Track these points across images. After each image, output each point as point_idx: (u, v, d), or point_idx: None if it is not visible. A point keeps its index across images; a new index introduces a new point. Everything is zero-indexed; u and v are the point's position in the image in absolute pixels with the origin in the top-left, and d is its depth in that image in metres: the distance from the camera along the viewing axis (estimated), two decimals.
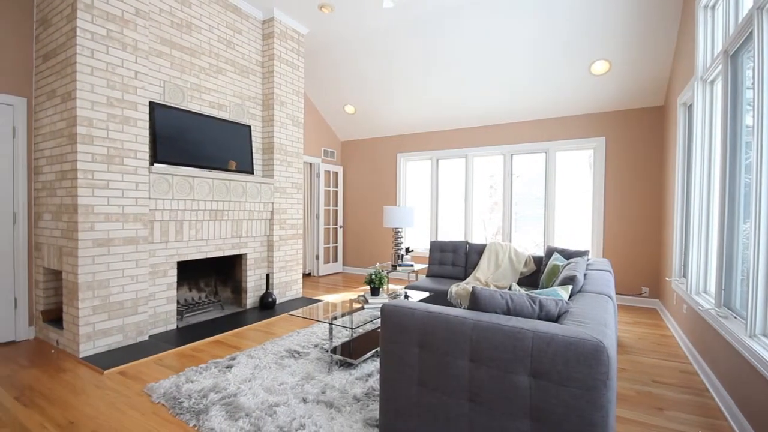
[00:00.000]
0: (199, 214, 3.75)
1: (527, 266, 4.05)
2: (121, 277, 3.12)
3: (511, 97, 5.14)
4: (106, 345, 3.04)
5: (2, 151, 3.18)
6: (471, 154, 5.95)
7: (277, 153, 4.59)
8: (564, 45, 4.26)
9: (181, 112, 3.67)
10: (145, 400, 2.31)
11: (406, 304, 1.77)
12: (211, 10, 3.99)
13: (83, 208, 2.89)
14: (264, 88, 4.60)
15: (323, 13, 4.44)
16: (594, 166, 5.10)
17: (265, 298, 4.34)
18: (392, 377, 1.75)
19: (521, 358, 1.40)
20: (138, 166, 3.21)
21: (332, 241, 7.02)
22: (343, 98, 6.19)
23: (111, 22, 3.02)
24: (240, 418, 2.08)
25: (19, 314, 3.28)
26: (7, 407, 2.21)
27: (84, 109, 2.88)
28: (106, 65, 3.00)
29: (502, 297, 1.62)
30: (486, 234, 6.07)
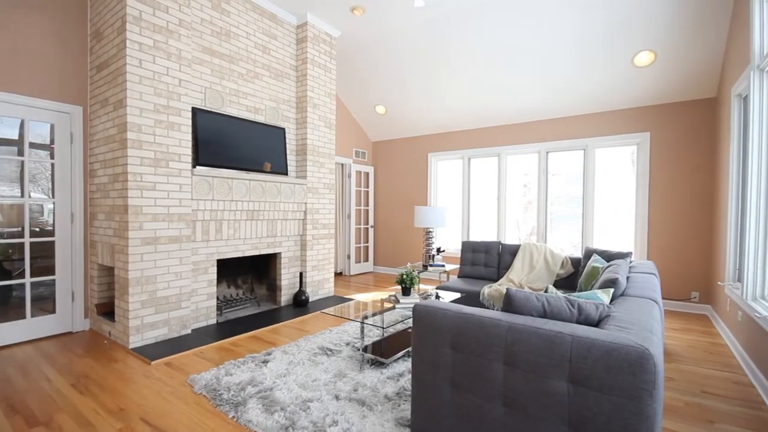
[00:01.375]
0: (237, 214, 3.90)
1: (564, 268, 3.91)
2: (167, 274, 3.31)
3: (547, 92, 4.98)
4: (153, 337, 3.24)
5: (61, 156, 3.46)
6: (504, 152, 5.82)
7: (310, 154, 4.69)
8: (604, 36, 4.07)
9: (221, 117, 3.83)
10: (188, 391, 2.44)
11: (438, 305, 1.76)
12: (248, 17, 4.14)
13: (133, 209, 3.08)
14: (297, 91, 4.72)
15: (355, 15, 4.49)
16: (637, 162, 4.84)
17: (299, 296, 4.45)
18: (424, 378, 1.75)
19: (559, 363, 1.36)
20: (182, 168, 3.39)
21: (363, 241, 7.09)
22: (374, 99, 6.23)
23: (157, 33, 3.21)
24: (276, 411, 2.15)
25: (76, 307, 3.55)
26: (65, 393, 2.40)
27: (133, 115, 3.07)
28: (152, 74, 3.19)
29: (537, 299, 1.57)
30: (519, 234, 5.91)
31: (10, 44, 3.13)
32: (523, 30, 4.28)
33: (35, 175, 3.45)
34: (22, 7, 3.18)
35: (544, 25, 4.15)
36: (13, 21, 3.14)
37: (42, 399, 2.32)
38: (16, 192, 3.45)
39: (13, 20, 3.14)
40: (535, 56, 4.53)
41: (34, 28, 3.25)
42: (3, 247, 3.24)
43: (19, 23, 3.17)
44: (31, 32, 3.23)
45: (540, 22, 4.13)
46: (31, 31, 3.24)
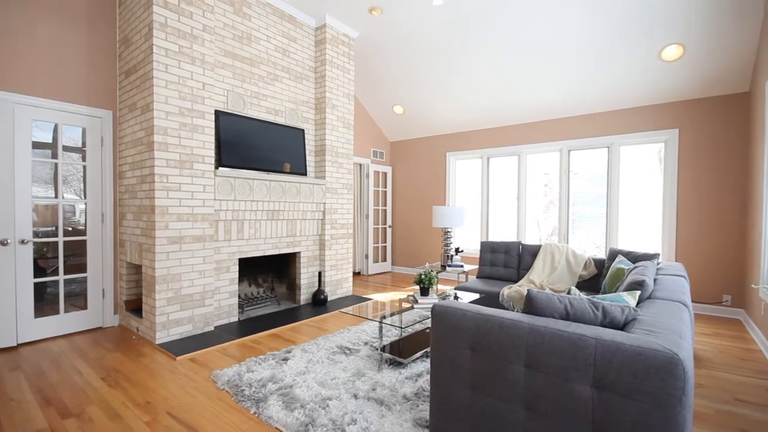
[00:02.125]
0: (258, 214, 3.98)
1: (587, 269, 3.82)
2: (191, 272, 3.41)
3: (569, 89, 4.87)
4: (178, 333, 3.34)
5: (92, 158, 3.60)
6: (524, 151, 5.72)
7: (329, 155, 4.74)
8: (629, 30, 3.95)
9: (242, 119, 3.91)
10: (212, 386, 2.50)
11: (457, 305, 1.75)
12: (268, 21, 4.21)
13: (159, 209, 3.19)
14: (316, 93, 4.77)
15: (373, 15, 4.51)
16: (665, 160, 4.67)
17: (318, 295, 4.50)
18: (443, 378, 1.74)
19: (582, 367, 1.33)
20: (205, 170, 3.48)
21: (381, 241, 7.10)
22: (392, 99, 6.24)
23: (182, 38, 3.30)
24: (295, 408, 2.18)
25: (106, 303, 3.70)
26: (96, 387, 2.50)
27: (160, 119, 3.18)
28: (178, 78, 3.28)
29: (560, 301, 1.54)
30: (540, 234, 5.80)
31: (45, 52, 3.28)
32: (544, 25, 4.20)
33: (68, 177, 3.61)
34: (56, 17, 3.33)
35: (565, 19, 4.06)
36: (47, 31, 3.29)
37: (74, 391, 2.43)
38: (50, 193, 3.62)
39: (47, 30, 3.29)
40: (557, 52, 4.44)
41: (67, 36, 3.40)
42: (38, 246, 3.40)
43: (54, 32, 3.33)
44: (64, 41, 3.38)
45: (561, 16, 4.04)
46: (65, 40, 3.39)
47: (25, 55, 3.18)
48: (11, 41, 3.11)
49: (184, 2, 3.31)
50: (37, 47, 3.24)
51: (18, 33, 3.14)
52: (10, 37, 3.10)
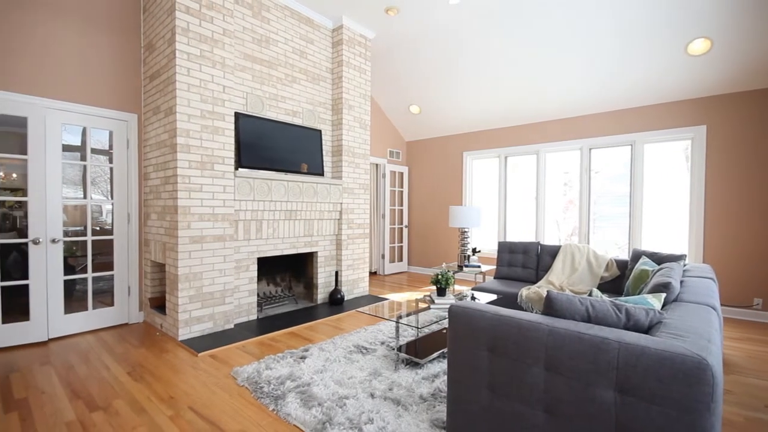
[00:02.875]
0: (276, 214, 4.04)
1: (609, 270, 3.72)
2: (212, 271, 3.49)
3: (591, 85, 4.75)
4: (199, 330, 3.42)
5: (119, 160, 3.73)
6: (543, 149, 5.62)
7: (345, 155, 4.77)
8: (653, 24, 3.83)
9: (261, 120, 3.98)
10: (232, 383, 2.56)
11: (474, 306, 1.73)
12: (286, 24, 4.27)
13: (182, 209, 3.27)
14: (333, 94, 4.81)
15: (389, 15, 4.51)
16: (692, 158, 4.51)
17: (334, 294, 4.53)
18: (460, 379, 1.73)
19: (605, 371, 1.30)
20: (225, 171, 3.55)
21: (397, 241, 7.10)
22: (408, 99, 6.23)
23: (203, 42, 3.39)
24: (313, 406, 2.20)
25: (131, 300, 3.82)
26: (122, 381, 2.59)
27: (182, 121, 3.26)
28: (199, 81, 3.37)
29: (581, 303, 1.51)
30: (560, 235, 5.69)
31: (74, 59, 3.42)
32: (564, 20, 4.11)
33: (96, 179, 3.75)
34: (84, 24, 3.46)
35: (585, 12, 3.97)
36: (76, 38, 3.43)
37: (101, 385, 2.52)
38: (79, 194, 3.77)
39: (76, 37, 3.43)
40: (577, 47, 4.34)
41: (94, 43, 3.53)
42: (68, 245, 3.54)
43: (82, 39, 3.46)
44: (92, 47, 3.52)
45: (581, 9, 3.95)
46: (93, 46, 3.52)
47: (55, 61, 3.32)
48: (42, 48, 3.25)
49: (206, 7, 3.39)
50: (67, 54, 3.38)
51: (48, 40, 3.28)
52: (41, 44, 3.24)
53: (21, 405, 2.25)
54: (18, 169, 3.68)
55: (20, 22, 3.14)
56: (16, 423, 2.06)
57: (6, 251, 3.26)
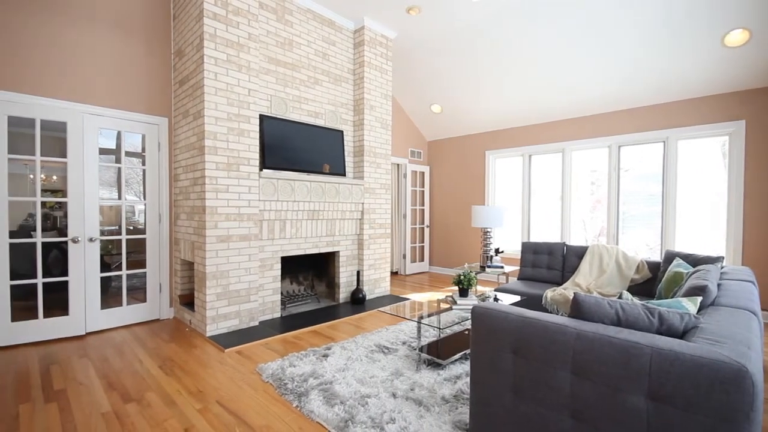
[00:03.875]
0: (299, 214, 4.10)
1: (640, 272, 3.58)
2: (238, 269, 3.58)
3: (619, 80, 4.59)
4: (226, 327, 3.52)
5: (151, 162, 3.89)
6: (569, 147, 5.47)
7: (367, 155, 4.79)
8: (687, 15, 3.66)
9: (284, 122, 4.06)
10: (257, 379, 2.62)
11: (498, 307, 1.71)
12: (309, 27, 4.34)
13: (210, 209, 3.38)
14: (355, 94, 4.85)
15: (410, 15, 4.51)
16: (729, 154, 4.28)
17: (356, 293, 4.56)
18: (483, 381, 1.71)
19: (636, 377, 1.25)
20: (250, 172, 3.64)
21: (419, 241, 7.08)
22: (430, 98, 6.20)
23: (230, 47, 3.48)
24: (335, 404, 2.23)
25: (162, 297, 3.97)
26: (153, 374, 2.70)
27: (210, 124, 3.37)
28: (226, 85, 3.46)
29: (610, 306, 1.47)
30: (586, 235, 5.52)
31: (109, 66, 3.59)
32: (590, 13, 3.99)
33: (129, 180, 3.92)
34: (117, 33, 3.63)
35: (614, 5, 3.83)
36: (111, 46, 3.59)
37: (134, 378, 2.63)
38: (114, 195, 3.95)
39: (111, 45, 3.59)
40: (606, 40, 4.20)
41: (128, 50, 3.69)
42: (104, 243, 3.72)
43: (116, 47, 3.62)
44: (126, 54, 3.68)
45: (609, 2, 3.82)
46: (126, 54, 3.68)
47: (92, 69, 3.49)
48: (80, 57, 3.43)
49: (232, 13, 3.48)
50: (103, 62, 3.55)
51: (86, 50, 3.45)
52: (79, 54, 3.42)
53: (60, 396, 2.37)
54: (58, 172, 3.90)
55: (60, 34, 3.32)
56: (56, 413, 2.18)
57: (47, 249, 3.45)
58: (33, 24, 3.19)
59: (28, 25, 3.16)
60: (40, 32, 3.22)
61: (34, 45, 3.20)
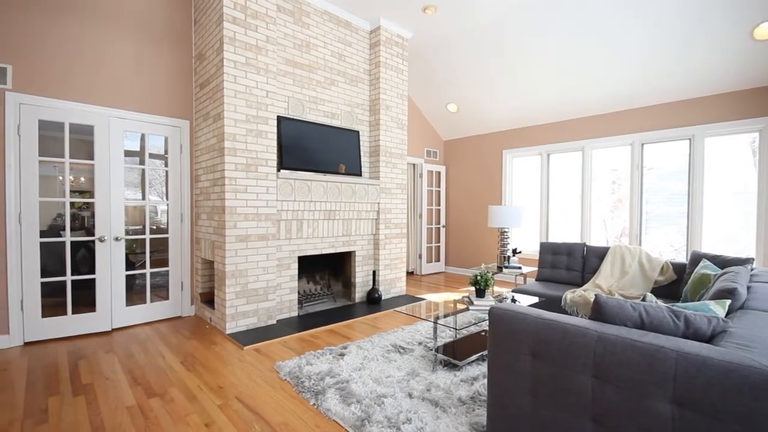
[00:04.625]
0: (315, 214, 4.14)
1: (664, 274, 3.48)
2: (256, 268, 3.64)
3: (643, 75, 4.46)
4: (244, 325, 3.59)
5: (174, 164, 3.99)
6: (589, 146, 5.35)
7: (383, 155, 4.80)
8: (714, 7, 3.53)
9: (301, 123, 4.10)
10: (275, 376, 2.66)
11: (516, 309, 1.69)
12: (325, 28, 4.37)
13: (229, 209, 3.45)
14: (371, 95, 4.86)
15: (426, 14, 4.49)
16: (760, 151, 4.11)
17: (372, 293, 4.58)
18: (501, 384, 1.69)
19: (660, 382, 1.22)
20: (268, 172, 3.70)
21: (435, 241, 7.04)
22: (446, 97, 6.16)
23: (248, 50, 3.54)
24: (352, 403, 2.24)
25: (184, 295, 4.07)
26: (176, 369, 2.77)
27: (230, 126, 3.44)
28: (245, 88, 3.53)
29: (634, 308, 1.43)
30: (607, 236, 5.39)
31: (134, 71, 3.70)
32: (610, 7, 3.89)
33: (152, 181, 4.04)
34: (141, 38, 3.74)
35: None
36: (135, 51, 3.71)
37: (158, 373, 2.71)
38: (138, 196, 4.08)
39: (135, 50, 3.71)
40: (627, 33, 4.09)
41: (151, 55, 3.80)
42: (129, 242, 3.84)
43: (140, 52, 3.73)
44: (149, 59, 3.79)
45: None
46: (150, 59, 3.79)
47: (117, 73, 3.61)
48: (106, 62, 3.55)
49: (250, 16, 3.54)
50: (128, 67, 3.66)
51: (112, 55, 3.57)
52: (105, 59, 3.54)
53: (87, 389, 2.47)
54: (85, 173, 4.05)
55: (88, 40, 3.44)
56: (83, 406, 2.27)
57: (75, 248, 3.59)
58: (61, 31, 3.32)
59: (57, 32, 3.30)
60: (69, 39, 3.35)
61: (63, 51, 3.33)
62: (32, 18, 3.18)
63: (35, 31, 3.20)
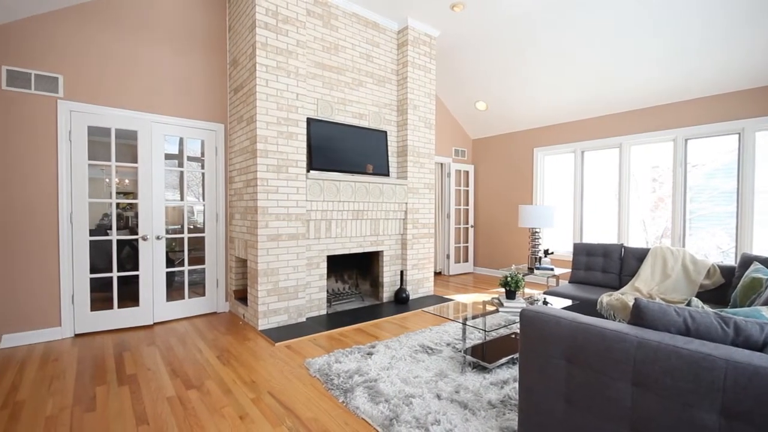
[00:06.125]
0: (344, 214, 4.20)
1: (710, 278, 3.27)
2: (286, 267, 3.73)
3: (685, 68, 4.21)
4: (276, 322, 3.68)
5: (209, 166, 4.16)
6: (627, 142, 5.11)
7: (410, 155, 4.79)
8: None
9: (330, 124, 4.17)
10: (305, 373, 2.72)
11: (549, 311, 1.64)
12: (353, 30, 4.42)
13: (261, 210, 3.55)
14: (398, 95, 4.86)
15: (455, 12, 4.44)
16: None
17: (399, 293, 4.58)
18: (533, 388, 1.65)
19: (707, 392, 1.15)
20: (298, 173, 3.78)
21: (463, 241, 6.96)
22: (475, 95, 6.06)
23: (279, 54, 3.64)
24: (380, 402, 2.25)
25: (219, 292, 4.24)
26: (212, 363, 2.88)
27: (261, 129, 3.54)
28: (276, 91, 3.62)
29: (678, 313, 1.35)
30: (647, 236, 5.13)
31: (173, 77, 3.88)
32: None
33: (189, 183, 4.22)
34: (179, 46, 3.92)
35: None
36: (173, 58, 3.89)
37: (195, 366, 2.83)
38: (176, 196, 4.28)
39: (173, 58, 3.89)
40: (670, 25, 3.87)
41: (189, 62, 3.97)
42: (168, 241, 4.03)
43: (179, 60, 3.91)
44: (187, 66, 3.96)
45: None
46: (188, 66, 3.97)
47: (158, 80, 3.80)
48: (148, 69, 3.74)
49: (281, 22, 3.64)
50: (168, 73, 3.85)
51: (153, 62, 3.76)
52: (147, 66, 3.74)
53: (131, 380, 2.61)
54: (129, 176, 4.29)
55: (131, 49, 3.65)
56: (128, 395, 2.40)
57: (120, 246, 3.81)
58: (106, 41, 3.53)
59: (102, 43, 3.51)
60: (113, 48, 3.56)
61: (108, 60, 3.54)
62: (80, 30, 3.41)
63: (82, 42, 3.42)
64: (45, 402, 2.31)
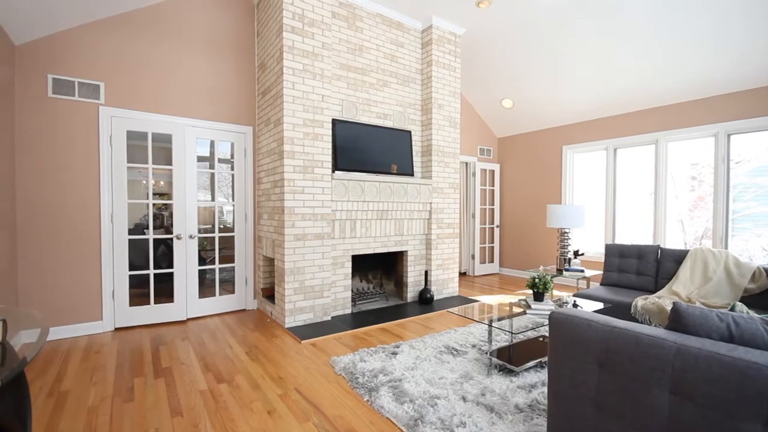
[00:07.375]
0: (368, 214, 4.22)
1: (756, 281, 3.07)
2: (312, 266, 3.80)
3: (727, 60, 3.97)
4: (302, 320, 3.75)
5: (239, 168, 4.28)
6: (663, 138, 4.87)
7: (435, 155, 4.76)
8: None
9: (355, 125, 4.20)
10: (330, 371, 2.75)
11: (580, 314, 1.59)
12: (378, 31, 4.44)
13: (288, 210, 3.63)
14: (423, 94, 4.84)
15: (480, 8, 4.38)
16: None
17: (424, 293, 4.56)
18: (563, 393, 1.60)
19: (753, 403, 1.08)
20: (324, 174, 3.84)
21: (488, 241, 6.85)
22: (500, 93, 5.95)
23: (305, 57, 3.70)
24: (405, 402, 2.25)
25: (248, 290, 4.36)
26: (241, 359, 2.97)
27: (288, 131, 3.62)
28: (302, 93, 3.69)
29: (720, 319, 1.28)
30: (685, 237, 4.88)
31: (204, 82, 4.03)
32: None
33: (220, 184, 4.36)
34: (210, 52, 4.06)
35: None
36: (205, 64, 4.03)
37: (226, 361, 2.93)
38: (207, 197, 4.43)
39: (205, 63, 4.03)
40: (711, 13, 3.67)
41: (219, 68, 4.11)
42: (200, 240, 4.18)
43: (210, 65, 4.05)
44: (218, 71, 4.10)
45: None
46: (218, 71, 4.10)
47: (191, 85, 3.95)
48: (182, 75, 3.90)
49: (307, 25, 3.70)
50: (199, 78, 3.99)
51: (186, 68, 3.92)
52: (181, 72, 3.89)
53: (166, 373, 2.73)
54: (164, 177, 4.48)
55: (166, 56, 3.81)
56: (163, 387, 2.51)
57: (156, 245, 3.99)
58: (142, 49, 3.71)
59: (139, 51, 3.69)
60: (149, 56, 3.73)
61: (145, 67, 3.71)
62: (119, 39, 3.59)
63: (121, 50, 3.60)
64: (87, 392, 2.45)
